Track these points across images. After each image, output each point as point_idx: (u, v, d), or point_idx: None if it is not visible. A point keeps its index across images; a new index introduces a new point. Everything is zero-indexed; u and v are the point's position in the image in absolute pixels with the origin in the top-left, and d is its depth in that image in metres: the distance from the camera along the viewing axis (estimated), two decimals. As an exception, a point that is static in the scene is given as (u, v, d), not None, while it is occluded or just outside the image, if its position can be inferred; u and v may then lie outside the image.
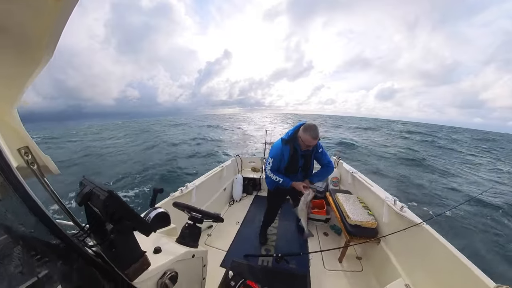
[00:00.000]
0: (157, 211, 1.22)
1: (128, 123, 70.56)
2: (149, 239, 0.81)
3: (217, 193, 3.08)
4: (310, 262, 2.10)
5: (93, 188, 0.67)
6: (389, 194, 2.05)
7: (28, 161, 0.63)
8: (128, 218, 0.69)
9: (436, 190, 7.82)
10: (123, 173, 9.41)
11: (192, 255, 1.13)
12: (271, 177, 1.94)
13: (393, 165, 11.54)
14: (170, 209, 1.31)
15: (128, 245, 0.74)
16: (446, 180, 9.25)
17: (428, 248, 1.37)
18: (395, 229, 1.79)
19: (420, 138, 26.93)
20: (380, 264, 1.89)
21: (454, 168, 11.96)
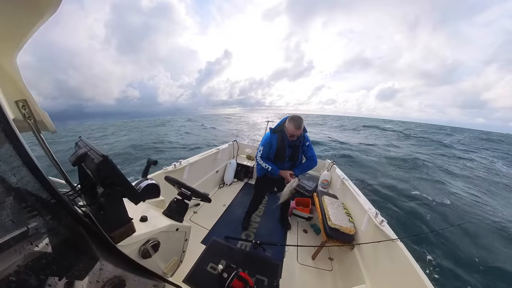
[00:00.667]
0: (148, 182, 1.25)
1: (128, 123, 68.41)
2: (137, 207, 0.84)
3: (209, 174, 3.13)
4: (285, 254, 2.21)
5: (89, 151, 0.67)
6: (372, 207, 2.12)
7: (25, 115, 0.62)
8: (119, 185, 0.71)
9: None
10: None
11: (176, 229, 1.18)
12: (261, 164, 2.09)
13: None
14: (161, 182, 1.33)
15: (116, 210, 0.77)
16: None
17: (396, 264, 1.46)
18: (371, 239, 1.88)
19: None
20: (349, 268, 2.00)
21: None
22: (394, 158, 12.25)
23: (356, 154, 12.44)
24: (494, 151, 22.75)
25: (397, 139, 25.38)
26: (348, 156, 11.80)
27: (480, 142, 33.78)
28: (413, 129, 57.61)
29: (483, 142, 34.20)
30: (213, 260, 1.95)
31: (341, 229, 2.07)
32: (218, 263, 1.92)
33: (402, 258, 1.41)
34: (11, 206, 0.42)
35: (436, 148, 19.54)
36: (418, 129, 57.65)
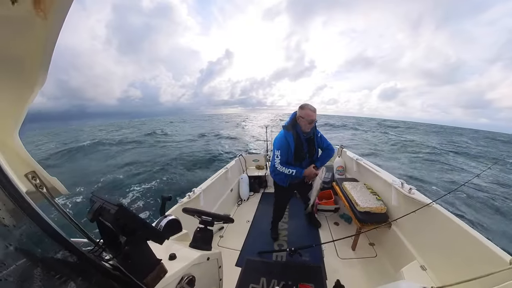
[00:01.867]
0: (168, 218, 1.24)
1: (126, 123, 69.80)
2: (163, 246, 0.83)
3: (225, 195, 3.10)
4: (323, 253, 2.11)
5: (103, 204, 0.68)
6: (395, 178, 2.04)
7: (36, 185, 0.64)
8: (140, 229, 0.70)
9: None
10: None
11: (207, 258, 1.15)
12: (283, 171, 1.87)
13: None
14: (180, 216, 1.33)
15: (143, 255, 0.76)
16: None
17: (440, 228, 1.37)
18: (405, 211, 1.79)
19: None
20: (393, 248, 1.89)
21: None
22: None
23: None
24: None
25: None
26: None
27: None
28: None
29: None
30: (253, 280, 1.87)
31: (371, 210, 1.99)
32: (259, 282, 1.84)
33: (444, 220, 1.33)
34: (40, 278, 0.42)
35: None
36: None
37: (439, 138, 25.20)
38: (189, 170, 9.59)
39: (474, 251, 1.10)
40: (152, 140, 20.03)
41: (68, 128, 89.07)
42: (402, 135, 22.90)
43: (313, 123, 1.82)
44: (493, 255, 0.99)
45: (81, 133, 38.89)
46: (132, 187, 7.82)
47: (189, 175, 8.92)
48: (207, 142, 17.60)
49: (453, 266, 1.24)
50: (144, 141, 19.32)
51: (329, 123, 46.01)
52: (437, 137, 24.36)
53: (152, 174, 8.98)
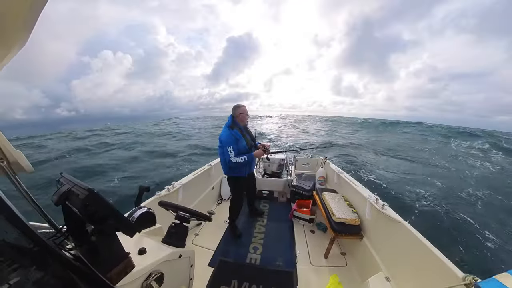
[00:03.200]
0: (142, 210, 1.17)
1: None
2: (133, 239, 0.78)
3: (205, 192, 3.03)
4: (297, 259, 2.14)
5: (72, 187, 0.62)
6: (371, 193, 2.15)
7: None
8: (111, 218, 0.65)
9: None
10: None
11: (178, 255, 1.10)
12: (238, 161, 2.13)
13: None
14: (156, 209, 1.26)
15: (110, 247, 0.71)
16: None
17: (406, 243, 1.47)
18: (377, 226, 1.89)
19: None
20: (363, 259, 1.98)
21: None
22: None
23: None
24: None
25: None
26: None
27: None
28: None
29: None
30: (224, 282, 1.83)
31: (346, 221, 2.07)
32: (230, 284, 1.81)
33: (410, 237, 1.43)
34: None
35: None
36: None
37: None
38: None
39: (434, 266, 1.20)
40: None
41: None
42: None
43: (244, 114, 2.26)
44: (449, 271, 1.09)
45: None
46: (111, 173, 7.26)
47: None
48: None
49: (414, 279, 1.34)
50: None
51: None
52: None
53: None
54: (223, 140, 2.17)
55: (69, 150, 13.72)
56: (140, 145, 15.26)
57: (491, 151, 15.80)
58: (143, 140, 18.67)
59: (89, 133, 26.88)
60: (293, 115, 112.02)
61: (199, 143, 15.40)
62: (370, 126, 38.51)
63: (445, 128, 33.32)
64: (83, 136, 23.77)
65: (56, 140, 22.09)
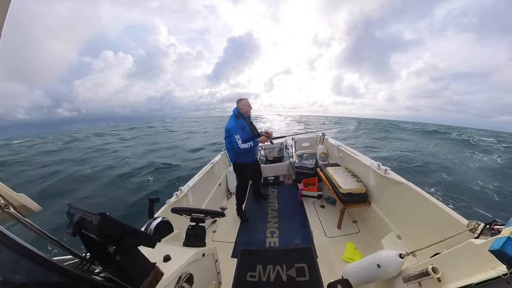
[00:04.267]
0: (157, 220, 1.21)
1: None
2: (156, 249, 0.81)
3: (213, 190, 3.09)
4: (312, 234, 2.25)
5: (83, 215, 0.63)
6: (373, 160, 2.21)
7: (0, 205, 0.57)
8: (128, 235, 0.67)
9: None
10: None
11: (202, 254, 1.15)
12: (245, 147, 2.31)
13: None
14: (170, 216, 1.30)
15: (136, 261, 0.73)
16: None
17: (412, 202, 1.54)
18: (382, 190, 1.96)
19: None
20: (373, 223, 2.09)
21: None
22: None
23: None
24: None
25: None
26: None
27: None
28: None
29: None
30: (250, 269, 1.94)
31: (353, 191, 2.14)
32: (255, 269, 1.91)
33: (415, 195, 1.49)
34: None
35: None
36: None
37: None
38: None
39: (439, 218, 1.28)
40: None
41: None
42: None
43: (247, 106, 2.43)
44: (454, 221, 1.16)
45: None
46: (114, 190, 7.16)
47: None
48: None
49: (423, 233, 1.43)
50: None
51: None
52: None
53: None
54: (230, 129, 2.35)
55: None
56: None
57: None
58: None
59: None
60: (292, 115, 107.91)
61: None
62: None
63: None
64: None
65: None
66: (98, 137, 24.38)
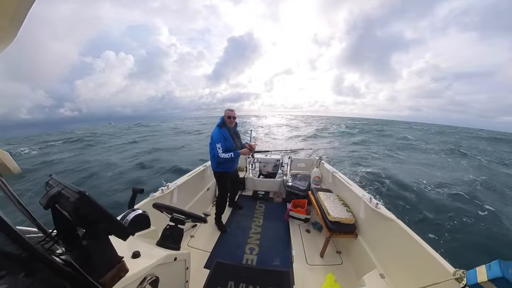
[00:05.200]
0: (136, 212, 1.15)
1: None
2: (127, 243, 0.76)
3: (200, 193, 3.00)
4: (293, 259, 2.15)
5: (62, 189, 0.60)
6: (365, 192, 2.19)
7: None
8: (103, 221, 0.64)
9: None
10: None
11: (174, 258, 1.08)
12: (225, 157, 2.33)
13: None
14: (150, 211, 1.24)
15: (103, 251, 0.69)
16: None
17: (399, 240, 1.50)
18: (371, 224, 1.92)
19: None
20: (358, 257, 2.01)
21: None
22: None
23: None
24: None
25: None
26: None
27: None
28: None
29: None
30: (221, 283, 1.82)
31: (341, 221, 2.10)
32: (227, 285, 1.79)
33: (403, 234, 1.46)
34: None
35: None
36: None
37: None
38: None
39: (426, 262, 1.23)
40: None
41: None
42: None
43: (231, 118, 2.47)
44: (440, 267, 1.12)
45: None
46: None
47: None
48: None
49: (407, 275, 1.37)
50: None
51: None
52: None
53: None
54: (213, 137, 2.41)
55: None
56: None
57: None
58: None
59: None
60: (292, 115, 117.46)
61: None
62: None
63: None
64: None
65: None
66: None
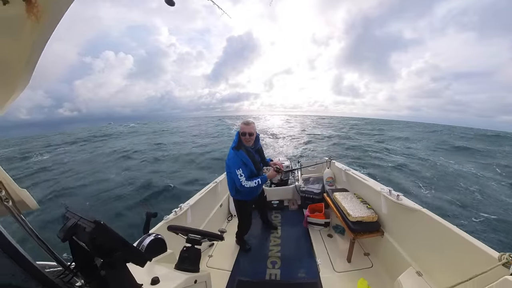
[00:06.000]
0: (151, 237, 1.14)
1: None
2: (145, 269, 0.75)
3: (214, 210, 2.96)
4: (319, 267, 2.02)
5: (78, 220, 0.61)
6: (383, 185, 2.09)
7: (1, 197, 0.56)
8: (119, 249, 0.63)
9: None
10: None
11: (194, 281, 1.05)
12: (250, 185, 1.95)
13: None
14: (165, 234, 1.22)
15: (122, 280, 0.67)
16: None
17: (430, 232, 1.39)
18: (396, 218, 1.81)
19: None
20: (388, 256, 1.87)
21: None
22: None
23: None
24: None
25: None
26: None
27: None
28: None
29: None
30: None
31: (363, 219, 1.98)
32: None
33: (433, 224, 1.35)
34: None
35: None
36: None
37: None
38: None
39: (465, 251, 1.12)
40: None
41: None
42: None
43: (246, 135, 1.97)
44: (482, 254, 1.01)
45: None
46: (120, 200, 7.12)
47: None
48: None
49: (447, 268, 1.25)
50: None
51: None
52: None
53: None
54: (230, 165, 2.00)
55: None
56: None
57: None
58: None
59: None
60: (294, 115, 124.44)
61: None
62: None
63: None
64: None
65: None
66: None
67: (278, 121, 66.20)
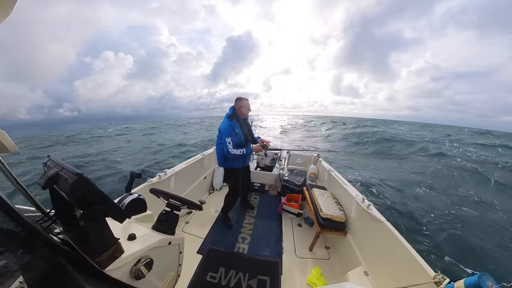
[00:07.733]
0: (133, 196, 1.17)
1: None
2: (123, 225, 0.78)
3: (197, 181, 3.04)
4: (283, 250, 2.23)
5: (60, 170, 0.61)
6: (359, 193, 2.24)
7: None
8: (100, 203, 0.65)
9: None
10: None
11: (168, 242, 1.12)
12: (236, 153, 2.12)
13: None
14: (147, 196, 1.26)
15: (100, 232, 0.70)
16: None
17: (386, 242, 1.56)
18: (361, 224, 1.98)
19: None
20: (345, 253, 2.09)
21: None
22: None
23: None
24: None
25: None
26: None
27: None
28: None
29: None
30: (212, 269, 1.89)
31: (333, 218, 2.15)
32: (217, 271, 1.87)
33: (390, 236, 1.51)
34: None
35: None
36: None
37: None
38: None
39: (409, 264, 1.29)
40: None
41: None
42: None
43: (250, 110, 2.29)
44: (422, 270, 1.17)
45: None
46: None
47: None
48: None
49: (390, 274, 1.44)
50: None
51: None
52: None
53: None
54: (221, 130, 2.17)
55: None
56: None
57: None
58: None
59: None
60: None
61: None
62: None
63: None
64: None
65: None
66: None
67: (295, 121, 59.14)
